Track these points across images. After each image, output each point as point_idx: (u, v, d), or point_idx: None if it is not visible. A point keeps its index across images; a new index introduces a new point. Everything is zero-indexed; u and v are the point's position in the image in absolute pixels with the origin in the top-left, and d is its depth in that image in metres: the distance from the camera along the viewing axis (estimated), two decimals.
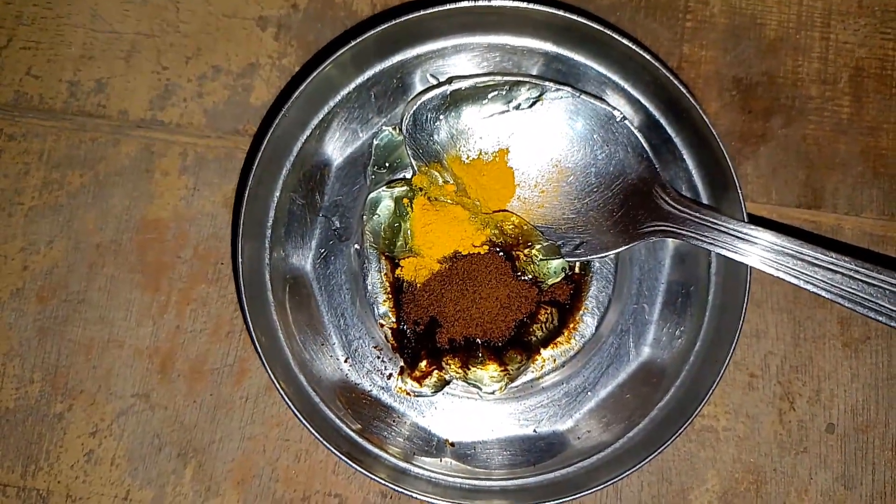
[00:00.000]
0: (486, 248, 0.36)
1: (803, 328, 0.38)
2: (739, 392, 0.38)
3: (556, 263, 0.36)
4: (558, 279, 0.36)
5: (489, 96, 0.36)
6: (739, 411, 0.37)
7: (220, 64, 0.40)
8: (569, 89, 0.36)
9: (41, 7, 0.40)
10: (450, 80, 0.36)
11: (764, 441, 0.37)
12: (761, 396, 0.37)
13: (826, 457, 0.37)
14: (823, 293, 0.32)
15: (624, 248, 0.35)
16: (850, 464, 0.37)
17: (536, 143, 0.36)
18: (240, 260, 0.33)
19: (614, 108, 0.35)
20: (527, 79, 0.36)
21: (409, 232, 0.36)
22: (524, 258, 0.36)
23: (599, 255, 0.36)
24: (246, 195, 0.33)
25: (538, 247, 0.36)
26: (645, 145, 0.35)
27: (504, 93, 0.36)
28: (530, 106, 0.36)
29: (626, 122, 0.35)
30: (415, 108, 0.36)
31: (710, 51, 0.40)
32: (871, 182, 0.39)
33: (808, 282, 0.32)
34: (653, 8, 0.40)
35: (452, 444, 0.36)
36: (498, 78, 0.36)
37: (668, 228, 0.34)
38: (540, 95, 0.36)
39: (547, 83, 0.36)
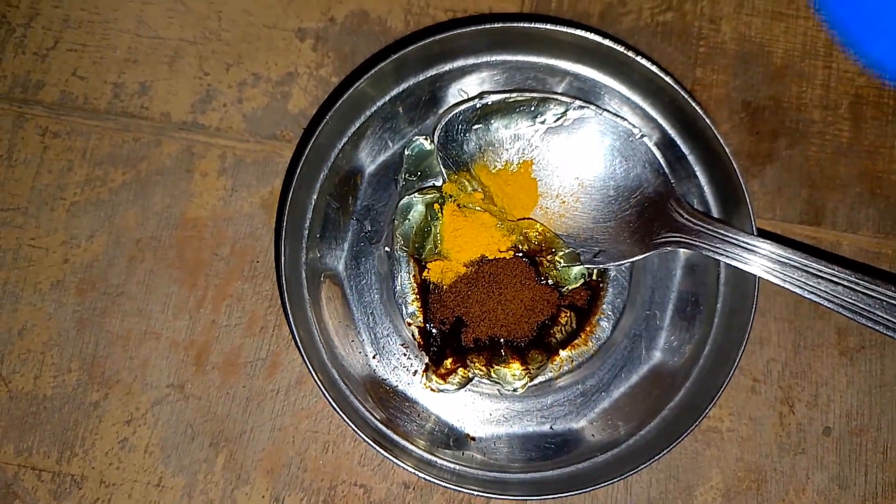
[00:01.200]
0: (512, 253, 0.38)
1: (803, 337, 0.40)
2: (743, 395, 0.40)
3: (576, 270, 0.38)
4: (578, 285, 0.39)
5: (517, 111, 0.38)
6: (743, 413, 0.40)
7: (260, 72, 0.42)
8: (592, 107, 0.38)
9: (88, 11, 0.42)
10: (481, 95, 0.38)
11: (765, 442, 0.40)
12: (763, 400, 0.40)
13: (822, 458, 0.39)
14: (827, 304, 0.34)
15: (640, 256, 0.37)
16: (845, 465, 0.39)
17: (559, 156, 0.39)
18: (283, 259, 0.35)
19: (633, 126, 0.38)
20: (553, 96, 0.38)
21: (438, 236, 0.38)
22: (547, 264, 0.38)
23: (617, 263, 0.38)
24: (289, 199, 0.35)
25: (560, 254, 0.38)
26: (661, 161, 0.38)
27: (531, 108, 0.38)
28: (555, 121, 0.38)
29: (645, 139, 0.38)
30: (447, 119, 0.38)
31: (721, 75, 0.42)
32: (868, 202, 0.41)
33: (812, 292, 0.34)
34: (668, 33, 0.43)
35: (473, 439, 0.38)
36: (527, 94, 0.38)
37: (682, 239, 0.37)
38: (564, 112, 0.38)
39: (571, 101, 0.38)
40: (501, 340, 0.38)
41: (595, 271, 0.39)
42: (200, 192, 0.40)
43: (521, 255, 0.39)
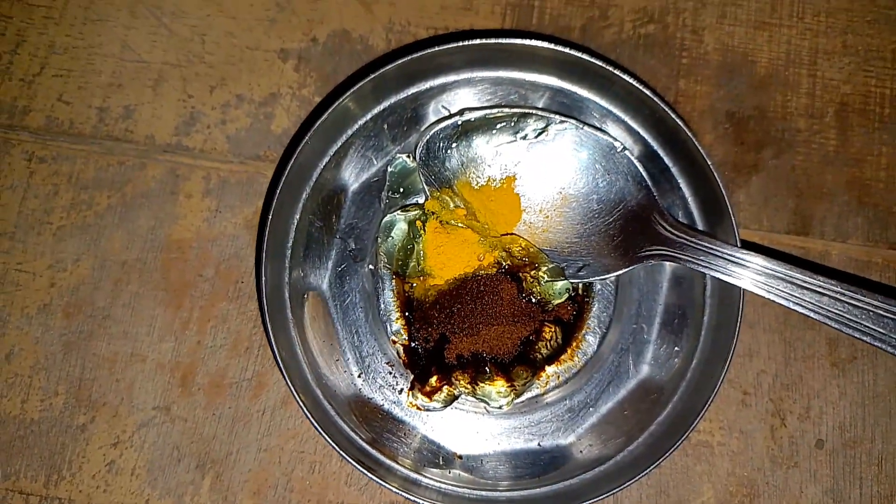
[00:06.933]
0: (495, 269, 0.38)
1: (793, 348, 0.40)
2: (733, 409, 0.39)
3: (560, 284, 0.38)
4: (562, 300, 0.38)
5: (498, 127, 0.38)
6: (733, 427, 0.39)
7: (243, 93, 0.42)
8: (573, 121, 0.38)
9: (73, 37, 0.42)
10: (461, 112, 0.38)
11: (756, 456, 0.39)
12: (754, 413, 0.39)
13: (816, 471, 0.39)
14: (812, 315, 0.34)
15: (624, 270, 0.37)
16: (839, 478, 0.39)
17: (542, 171, 0.39)
18: (263, 280, 0.35)
19: (615, 139, 0.38)
20: (533, 111, 0.38)
21: (421, 253, 0.38)
22: (530, 279, 0.38)
23: (601, 277, 0.38)
24: (269, 218, 0.35)
25: (544, 269, 0.38)
26: (644, 174, 0.37)
27: (512, 124, 0.38)
28: (536, 136, 0.38)
29: (627, 152, 0.38)
30: (428, 137, 0.38)
31: (704, 86, 0.42)
32: (856, 210, 0.41)
33: (797, 304, 0.34)
34: (650, 45, 0.43)
35: (460, 457, 0.38)
36: (506, 110, 0.38)
37: (666, 252, 0.36)
38: (545, 127, 0.38)
39: (552, 115, 0.38)
40: (486, 357, 0.38)
41: (580, 286, 0.39)
42: (185, 214, 0.41)
43: (504, 270, 0.39)
